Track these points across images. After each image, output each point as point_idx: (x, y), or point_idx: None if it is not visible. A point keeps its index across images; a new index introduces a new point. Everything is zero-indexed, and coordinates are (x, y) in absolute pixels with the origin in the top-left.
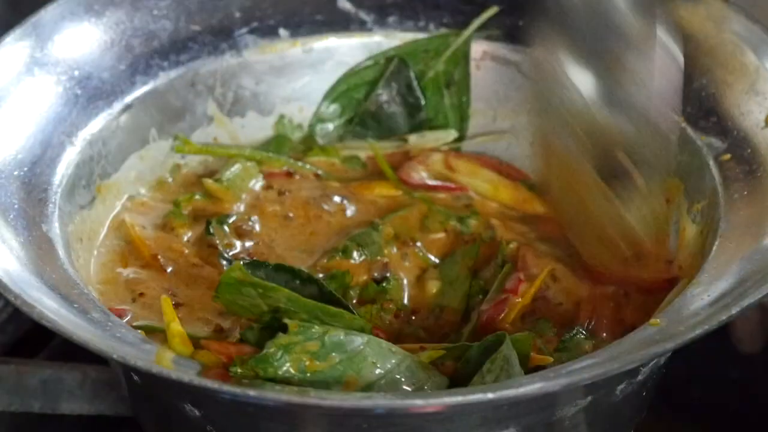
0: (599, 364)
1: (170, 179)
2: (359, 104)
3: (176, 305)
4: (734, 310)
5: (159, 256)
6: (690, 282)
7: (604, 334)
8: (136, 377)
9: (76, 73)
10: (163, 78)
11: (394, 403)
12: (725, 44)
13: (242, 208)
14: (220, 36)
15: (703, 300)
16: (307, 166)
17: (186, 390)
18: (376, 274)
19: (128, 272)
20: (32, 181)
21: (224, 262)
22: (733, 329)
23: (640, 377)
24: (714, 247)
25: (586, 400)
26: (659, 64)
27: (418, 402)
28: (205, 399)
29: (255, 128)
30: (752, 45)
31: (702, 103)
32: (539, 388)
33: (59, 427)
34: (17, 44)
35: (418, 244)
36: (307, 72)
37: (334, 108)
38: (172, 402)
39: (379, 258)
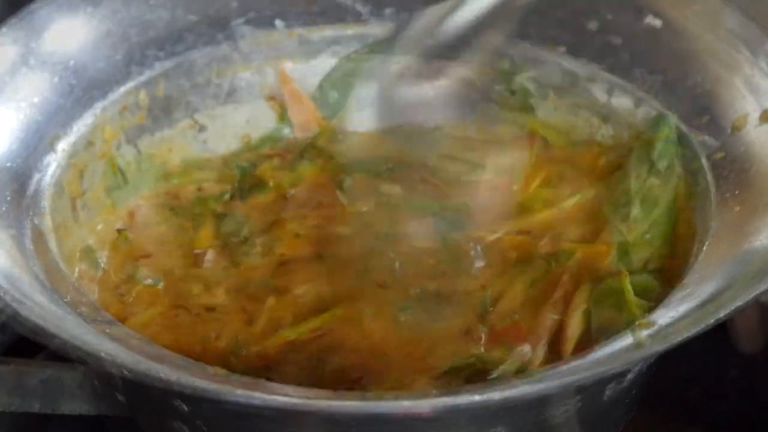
0: (588, 367)
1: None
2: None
3: None
4: (722, 313)
5: None
6: (679, 283)
7: None
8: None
9: (72, 63)
10: (158, 68)
11: (383, 406)
12: (720, 41)
13: None
14: (216, 26)
15: (692, 302)
16: None
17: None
18: None
19: None
20: (25, 173)
21: None
22: (732, 329)
23: (630, 376)
24: (704, 247)
25: (575, 399)
26: None
27: (405, 404)
28: (194, 397)
29: (249, 118)
30: (747, 42)
31: (696, 101)
32: (527, 391)
33: (59, 427)
34: (12, 35)
35: None
36: (303, 63)
37: (332, 94)
38: (163, 398)
39: None
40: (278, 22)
